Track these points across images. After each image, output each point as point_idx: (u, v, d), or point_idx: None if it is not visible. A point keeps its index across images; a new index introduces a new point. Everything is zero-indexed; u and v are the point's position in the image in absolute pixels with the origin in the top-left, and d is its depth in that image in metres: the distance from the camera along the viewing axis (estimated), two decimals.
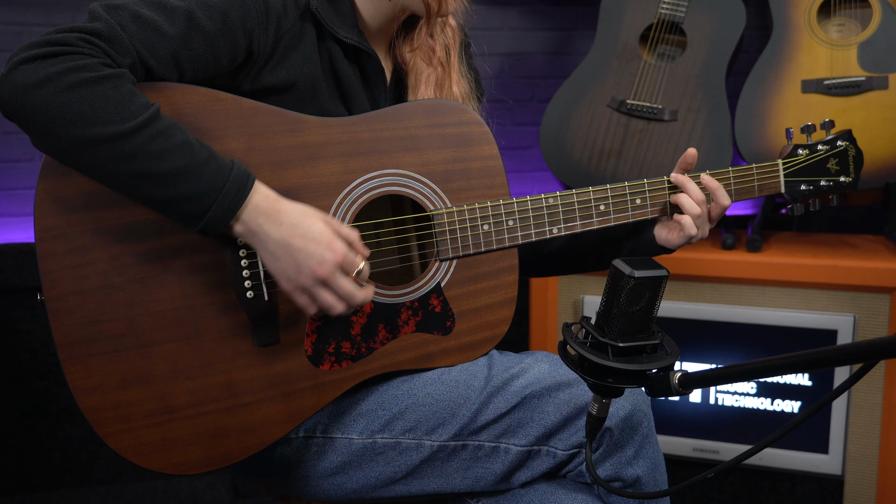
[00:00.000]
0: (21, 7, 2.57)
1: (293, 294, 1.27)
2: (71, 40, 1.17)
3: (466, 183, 1.44)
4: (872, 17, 2.30)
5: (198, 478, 2.75)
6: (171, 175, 1.18)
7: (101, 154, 1.16)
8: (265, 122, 1.33)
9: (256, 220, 1.23)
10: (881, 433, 2.23)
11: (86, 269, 1.26)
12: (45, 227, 1.25)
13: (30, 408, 2.65)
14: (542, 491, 1.42)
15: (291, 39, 1.38)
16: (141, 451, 1.31)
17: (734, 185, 1.53)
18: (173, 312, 1.30)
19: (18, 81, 1.14)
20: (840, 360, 0.87)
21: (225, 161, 1.23)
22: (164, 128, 1.19)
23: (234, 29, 1.30)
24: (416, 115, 1.42)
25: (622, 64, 2.41)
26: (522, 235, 1.46)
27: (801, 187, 1.56)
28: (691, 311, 2.32)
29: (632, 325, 1.07)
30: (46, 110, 1.14)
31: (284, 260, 1.24)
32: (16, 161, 2.65)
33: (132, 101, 1.18)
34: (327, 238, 1.25)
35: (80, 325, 1.27)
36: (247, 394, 1.34)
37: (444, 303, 1.43)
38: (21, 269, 2.57)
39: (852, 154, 1.57)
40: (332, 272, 1.25)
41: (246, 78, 1.36)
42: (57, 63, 1.15)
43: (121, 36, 1.21)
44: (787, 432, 0.99)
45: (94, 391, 1.29)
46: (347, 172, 1.37)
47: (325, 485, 1.44)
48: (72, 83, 1.15)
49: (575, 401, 1.39)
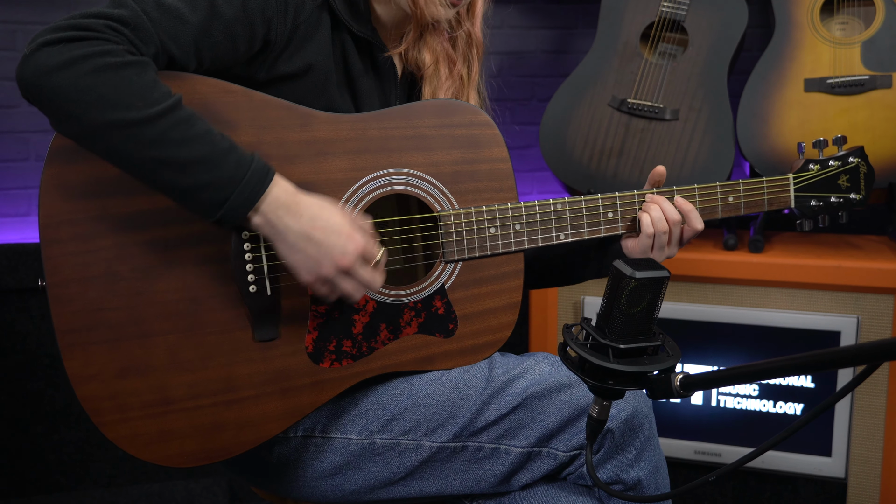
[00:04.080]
0: (16, 5, 2.57)
1: (313, 285, 1.28)
2: (96, 26, 1.17)
3: (474, 185, 1.44)
4: (876, 15, 2.30)
5: (194, 481, 2.74)
6: (192, 163, 1.19)
7: (122, 138, 1.17)
8: (275, 116, 1.33)
9: (276, 213, 1.24)
10: (885, 436, 2.22)
11: (89, 257, 1.27)
12: (49, 213, 1.26)
13: (24, 410, 2.64)
14: (542, 494, 1.42)
15: (308, 29, 1.39)
16: (137, 441, 1.31)
17: (743, 198, 1.53)
18: (175, 304, 1.30)
19: (41, 63, 1.15)
20: (843, 362, 0.86)
21: (246, 152, 1.24)
22: (186, 116, 1.20)
23: (254, 17, 1.31)
24: (427, 115, 1.42)
25: (623, 63, 2.40)
26: (529, 240, 1.46)
27: (810, 203, 1.56)
28: (693, 313, 2.32)
29: (633, 326, 1.07)
30: (69, 92, 1.15)
31: (305, 252, 1.25)
32: (10, 161, 2.65)
33: (156, 88, 1.19)
34: (347, 229, 1.26)
35: (81, 312, 1.27)
36: (245, 388, 1.34)
37: (447, 305, 1.43)
38: (15, 269, 2.56)
39: (863, 171, 1.57)
40: (353, 263, 1.26)
41: (262, 66, 1.36)
42: (82, 47, 1.16)
43: (145, 24, 1.21)
44: (789, 435, 0.98)
45: (92, 379, 1.28)
46: (356, 169, 1.37)
47: (323, 486, 1.44)
48: (96, 67, 1.15)
49: (576, 402, 1.39)
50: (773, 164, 2.31)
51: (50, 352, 2.63)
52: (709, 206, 1.52)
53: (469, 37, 1.56)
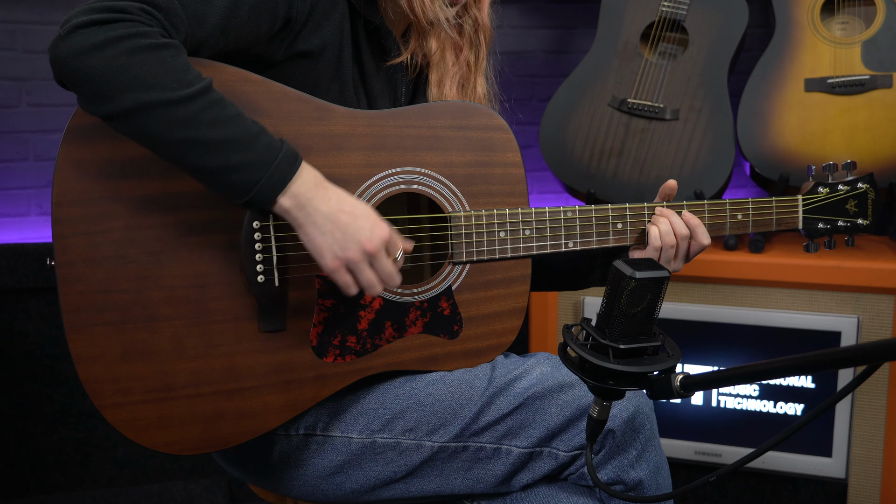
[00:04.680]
0: (15, 4, 2.57)
1: (336, 272, 1.26)
2: (131, 9, 1.18)
3: (486, 188, 1.44)
4: (876, 14, 2.29)
5: (194, 481, 2.74)
6: (224, 143, 1.19)
7: (155, 118, 1.17)
8: (292, 108, 1.33)
9: (306, 195, 1.24)
10: (885, 436, 2.22)
11: (99, 238, 1.27)
12: (63, 192, 1.26)
13: (23, 410, 2.64)
14: (543, 494, 1.42)
15: (325, 8, 1.39)
16: (136, 426, 1.31)
17: (752, 217, 1.54)
18: (182, 290, 1.30)
19: (77, 43, 1.15)
20: (844, 363, 0.86)
21: (275, 137, 1.24)
22: (218, 98, 1.21)
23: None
24: (443, 116, 1.42)
25: (623, 62, 2.39)
26: (538, 246, 1.46)
27: (818, 225, 1.59)
28: (693, 313, 2.31)
29: (633, 326, 1.07)
30: (104, 72, 1.15)
31: (332, 234, 1.25)
32: (9, 161, 2.64)
33: (189, 71, 1.19)
34: (374, 217, 1.27)
35: (89, 293, 1.27)
36: (248, 379, 1.34)
37: (453, 306, 1.44)
38: (14, 269, 2.56)
39: (871, 197, 1.60)
40: (379, 248, 1.26)
41: (281, 45, 1.37)
42: (116, 28, 1.16)
43: (177, 8, 1.22)
44: (790, 435, 0.98)
45: (96, 361, 1.28)
46: (370, 166, 1.38)
47: (324, 485, 1.44)
48: (131, 48, 1.16)
49: (577, 402, 1.39)
50: (774, 163, 2.30)
51: (50, 353, 2.62)
52: (717, 222, 1.52)
53: (476, 22, 1.56)
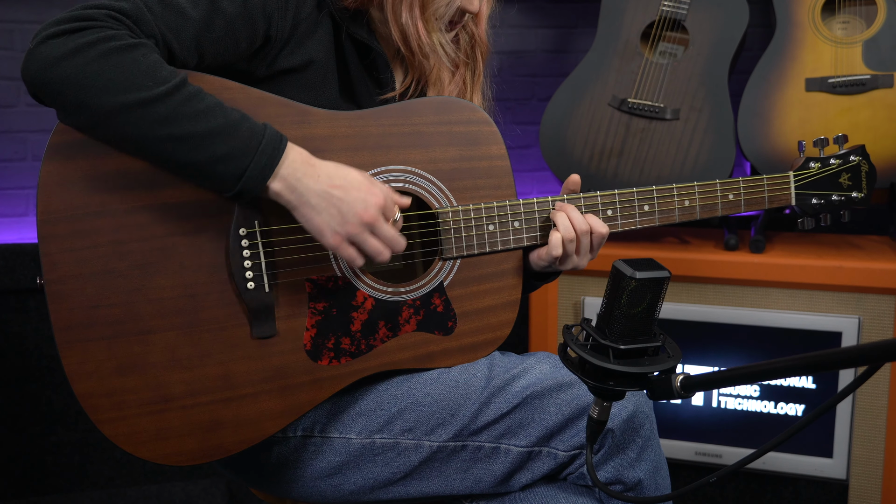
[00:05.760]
0: (13, 4, 2.56)
1: (339, 248, 1.27)
2: (98, 16, 1.18)
3: (473, 182, 1.44)
4: (878, 14, 2.29)
5: (192, 482, 2.74)
6: (208, 135, 1.19)
7: (135, 120, 1.17)
8: (272, 113, 1.33)
9: (295, 175, 1.24)
10: (886, 436, 2.22)
11: (87, 253, 1.26)
12: (48, 209, 1.25)
13: (21, 411, 2.64)
14: (542, 494, 1.42)
15: (308, 27, 1.39)
16: (134, 439, 1.30)
17: (744, 195, 1.52)
18: (173, 301, 1.30)
19: (47, 55, 1.15)
20: (844, 363, 0.86)
21: (257, 122, 1.24)
22: (195, 91, 1.21)
23: (255, 13, 1.31)
24: (425, 112, 1.42)
25: (623, 62, 2.39)
26: (528, 237, 1.46)
27: (811, 201, 1.57)
28: (693, 313, 2.31)
29: (633, 327, 1.06)
30: (77, 80, 1.15)
31: (328, 211, 1.25)
32: (7, 161, 2.64)
33: (162, 67, 1.19)
34: (366, 184, 1.27)
35: (79, 309, 1.27)
36: (243, 386, 1.34)
37: (446, 303, 1.43)
38: (12, 270, 2.56)
39: (865, 170, 1.58)
40: (377, 216, 1.26)
41: (262, 63, 1.37)
42: (85, 35, 1.16)
43: (146, 17, 1.22)
44: (790, 436, 0.98)
45: (90, 376, 1.28)
46: (354, 166, 1.37)
47: (323, 486, 1.44)
48: (102, 52, 1.16)
49: (577, 401, 1.39)
50: (775, 163, 2.30)
51: (48, 353, 2.62)
52: (709, 203, 1.52)
53: (473, 38, 1.55)
